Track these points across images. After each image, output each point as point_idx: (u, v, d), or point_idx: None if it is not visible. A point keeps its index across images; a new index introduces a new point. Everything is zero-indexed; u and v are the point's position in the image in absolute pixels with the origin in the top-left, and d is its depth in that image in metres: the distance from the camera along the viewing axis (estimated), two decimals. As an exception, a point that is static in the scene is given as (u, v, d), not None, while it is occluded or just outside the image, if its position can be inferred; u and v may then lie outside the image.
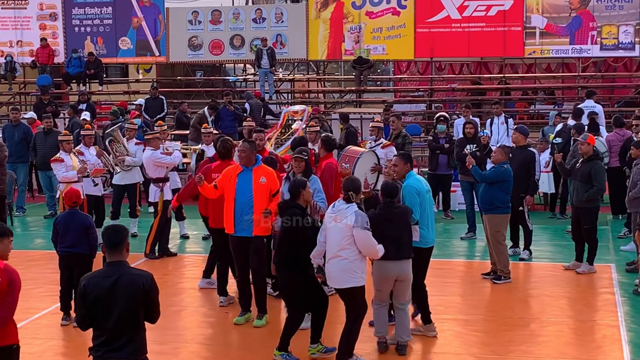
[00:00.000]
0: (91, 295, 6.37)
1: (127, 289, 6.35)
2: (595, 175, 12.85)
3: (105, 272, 6.45)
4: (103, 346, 6.40)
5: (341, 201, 8.98)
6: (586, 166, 12.94)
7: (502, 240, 12.57)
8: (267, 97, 27.58)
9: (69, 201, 10.70)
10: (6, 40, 31.07)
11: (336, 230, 8.84)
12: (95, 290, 6.37)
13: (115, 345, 6.38)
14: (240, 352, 9.86)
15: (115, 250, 6.46)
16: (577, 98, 27.95)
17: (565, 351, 9.74)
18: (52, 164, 14.42)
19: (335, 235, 8.85)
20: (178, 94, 31.05)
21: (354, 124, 21.58)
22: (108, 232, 6.53)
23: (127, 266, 6.50)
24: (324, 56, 29.45)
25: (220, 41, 29.69)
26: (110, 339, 6.39)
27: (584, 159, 13.07)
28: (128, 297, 6.35)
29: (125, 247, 6.49)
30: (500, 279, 12.49)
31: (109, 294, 6.34)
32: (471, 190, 15.35)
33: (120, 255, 6.46)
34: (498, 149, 12.90)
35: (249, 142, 10.63)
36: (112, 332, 6.37)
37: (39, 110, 22.49)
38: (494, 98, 26.51)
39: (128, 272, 6.44)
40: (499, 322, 10.85)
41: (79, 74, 28.97)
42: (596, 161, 13.08)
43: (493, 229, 12.48)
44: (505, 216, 12.62)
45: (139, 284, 6.40)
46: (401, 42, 28.31)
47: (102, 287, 6.35)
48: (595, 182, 12.85)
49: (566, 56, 28.35)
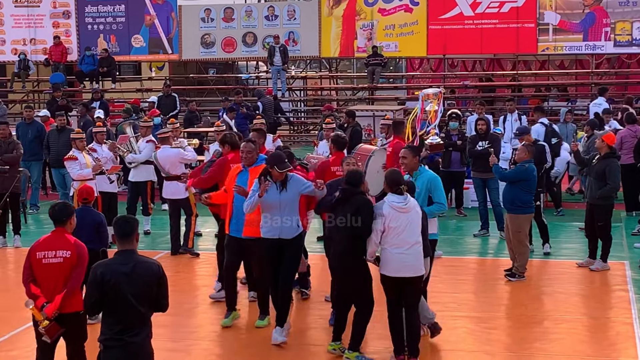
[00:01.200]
0: (110, 282, 6.58)
1: (145, 274, 6.63)
2: (610, 173, 12.81)
3: (120, 260, 6.69)
4: (122, 334, 6.59)
5: (394, 195, 9.04)
6: (601, 163, 12.91)
7: (524, 241, 12.51)
8: (279, 94, 27.57)
9: (80, 198, 10.78)
10: (20, 38, 31.19)
11: (409, 220, 8.97)
12: (114, 277, 6.58)
13: (134, 331, 6.61)
14: (252, 349, 9.86)
15: (127, 239, 6.73)
16: (591, 95, 27.90)
17: (578, 348, 9.72)
18: (66, 162, 14.44)
19: (409, 225, 8.97)
20: (191, 92, 31.11)
21: (367, 121, 21.56)
22: (119, 222, 6.80)
23: (138, 254, 6.76)
24: (337, 53, 29.45)
25: (233, 39, 29.73)
26: (129, 325, 6.60)
27: (600, 155, 13.04)
28: (146, 282, 6.63)
29: (135, 237, 6.77)
30: (514, 276, 12.46)
31: (128, 280, 6.58)
32: (484, 187, 15.30)
33: (131, 244, 6.74)
34: (522, 147, 12.78)
35: (252, 141, 10.62)
36: (130, 318, 6.60)
37: (52, 108, 22.53)
38: (507, 95, 26.44)
39: (142, 260, 6.72)
40: (513, 319, 10.83)
41: (91, 71, 29.08)
42: (612, 159, 13.02)
43: (514, 229, 12.45)
44: (527, 216, 12.55)
45: (154, 269, 6.71)
46: (414, 39, 28.29)
47: (121, 273, 6.59)
48: (609, 180, 12.80)
49: (579, 53, 28.27)
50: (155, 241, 15.44)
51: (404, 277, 8.95)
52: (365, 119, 21.59)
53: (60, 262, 7.68)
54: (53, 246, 7.74)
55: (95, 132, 15.27)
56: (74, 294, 7.73)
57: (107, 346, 6.63)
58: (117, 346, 6.59)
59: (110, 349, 6.63)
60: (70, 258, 7.70)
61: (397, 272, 8.96)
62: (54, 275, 7.68)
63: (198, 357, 9.65)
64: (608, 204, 13.04)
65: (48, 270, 7.69)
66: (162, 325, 10.60)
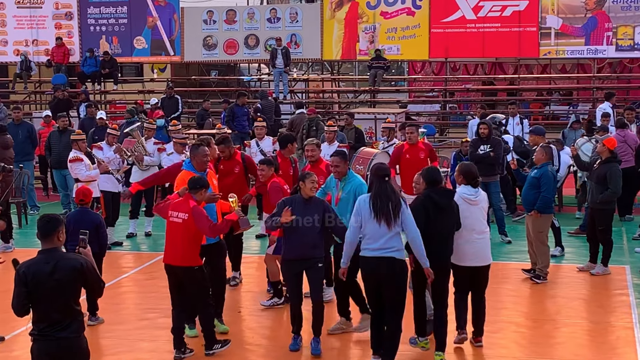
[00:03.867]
0: (33, 281, 6.70)
1: (67, 270, 6.71)
2: (611, 177, 12.82)
3: (42, 258, 6.80)
4: (49, 329, 6.73)
5: (467, 187, 9.57)
6: (603, 168, 12.92)
7: (545, 241, 12.60)
8: (281, 96, 27.58)
9: (77, 199, 10.79)
10: (22, 39, 31.21)
11: (476, 210, 9.53)
12: (36, 276, 6.70)
13: (61, 326, 6.73)
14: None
15: (48, 238, 6.83)
16: (592, 99, 27.91)
17: (579, 353, 9.71)
18: (71, 164, 14.40)
19: (477, 216, 9.54)
20: (193, 94, 31.11)
21: (369, 124, 21.56)
22: (42, 223, 6.91)
23: (60, 252, 6.89)
24: (339, 56, 29.46)
25: (235, 41, 29.74)
26: (56, 320, 6.72)
27: (601, 160, 13.05)
28: (69, 278, 6.72)
29: (57, 235, 6.84)
30: (539, 278, 12.52)
31: (50, 278, 6.67)
32: (485, 191, 15.24)
33: (52, 243, 6.82)
34: (539, 148, 12.88)
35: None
36: (57, 314, 6.72)
37: (56, 110, 22.54)
38: (510, 98, 26.41)
39: (64, 257, 6.83)
40: (514, 323, 10.82)
41: (94, 73, 29.07)
42: (613, 164, 13.03)
43: (536, 230, 12.52)
44: (549, 216, 12.69)
45: (76, 265, 6.77)
46: (416, 42, 28.30)
47: (44, 272, 6.69)
48: (610, 185, 12.81)
49: (581, 57, 28.28)
50: (156, 242, 15.43)
51: (476, 266, 9.47)
52: (367, 122, 21.60)
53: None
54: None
55: (108, 133, 15.35)
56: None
57: (37, 340, 6.81)
58: (46, 341, 6.76)
59: (39, 342, 6.80)
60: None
61: (470, 262, 9.44)
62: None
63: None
64: (609, 208, 13.05)
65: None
66: (162, 327, 10.62)
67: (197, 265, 9.38)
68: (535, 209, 12.44)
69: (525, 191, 12.78)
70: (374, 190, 8.83)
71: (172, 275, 9.50)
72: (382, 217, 8.67)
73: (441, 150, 24.84)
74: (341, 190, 9.93)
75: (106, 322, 10.81)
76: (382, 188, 8.77)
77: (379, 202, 8.71)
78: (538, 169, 12.61)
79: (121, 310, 11.55)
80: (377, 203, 8.71)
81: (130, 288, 12.86)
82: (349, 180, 9.98)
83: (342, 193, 9.87)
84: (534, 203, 12.46)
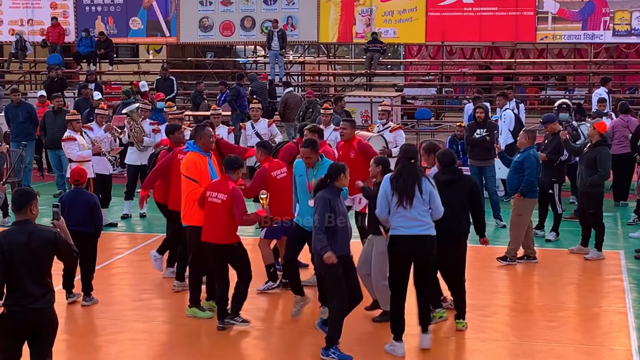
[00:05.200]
0: (9, 250, 6.85)
1: (41, 241, 6.94)
2: (601, 161, 12.88)
3: (17, 229, 7.00)
4: (24, 300, 6.88)
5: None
6: (592, 151, 12.99)
7: (521, 225, 12.58)
8: (277, 79, 27.53)
9: (72, 179, 10.80)
10: (17, 18, 31.06)
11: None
12: (12, 246, 6.86)
13: (35, 297, 6.91)
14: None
15: (22, 210, 7.03)
16: (589, 84, 27.90)
17: (572, 337, 9.74)
18: (64, 143, 14.42)
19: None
20: (188, 75, 31.03)
21: (364, 107, 21.55)
22: (16, 196, 7.12)
23: (34, 224, 7.06)
24: (335, 39, 29.38)
25: (231, 22, 29.62)
26: (30, 292, 6.90)
27: (591, 143, 13.09)
28: (43, 249, 6.94)
29: (30, 208, 7.03)
30: (505, 259, 12.61)
31: (26, 248, 6.88)
32: (480, 175, 15.30)
33: (26, 215, 7.02)
34: (523, 133, 12.93)
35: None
36: (31, 285, 6.90)
37: (50, 90, 22.48)
38: (506, 83, 26.41)
39: (38, 228, 7.03)
40: (507, 307, 10.85)
41: (89, 53, 28.98)
42: (603, 147, 13.07)
43: (516, 212, 12.57)
44: (531, 200, 12.67)
45: (50, 236, 7.00)
46: (412, 25, 28.22)
47: (19, 242, 6.88)
48: (600, 168, 12.88)
49: (578, 42, 28.23)
50: (151, 224, 15.44)
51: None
52: (363, 105, 21.59)
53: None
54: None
55: (97, 113, 15.32)
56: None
57: (11, 311, 6.91)
58: (20, 312, 6.89)
59: (13, 314, 6.91)
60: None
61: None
62: None
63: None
64: (598, 191, 13.13)
65: None
66: (156, 308, 10.64)
67: (236, 242, 9.72)
68: (519, 192, 12.49)
69: (509, 175, 12.87)
70: (397, 170, 9.05)
71: (211, 252, 9.74)
72: (403, 197, 8.85)
73: (437, 134, 24.87)
74: (314, 178, 9.82)
75: (100, 302, 10.81)
76: (406, 169, 8.95)
77: (400, 181, 8.89)
78: (521, 153, 12.67)
79: (115, 291, 11.56)
80: (398, 182, 8.90)
81: (124, 269, 12.85)
82: (321, 166, 9.91)
83: (314, 180, 9.74)
84: (518, 187, 12.52)
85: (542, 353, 9.19)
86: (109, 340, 9.68)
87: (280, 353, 9.40)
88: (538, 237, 14.17)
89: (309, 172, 10.08)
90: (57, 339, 8.63)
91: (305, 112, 19.76)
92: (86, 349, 9.47)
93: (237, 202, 9.50)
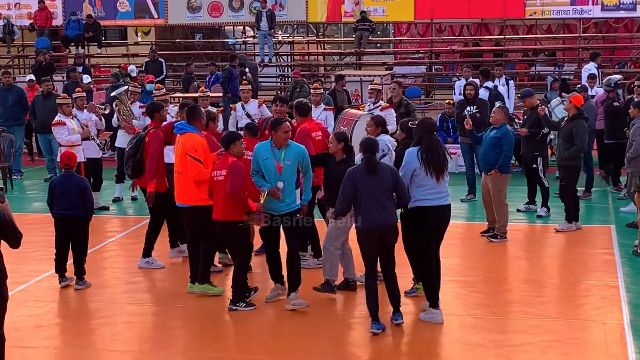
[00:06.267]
0: None
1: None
2: (577, 134, 13.02)
3: None
4: None
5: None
6: (569, 125, 13.17)
7: (504, 200, 12.69)
8: (266, 59, 27.44)
9: (62, 163, 10.78)
10: (4, 2, 30.84)
11: None
12: None
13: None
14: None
15: None
16: (578, 59, 27.88)
17: (564, 312, 9.78)
18: (53, 127, 14.43)
19: None
20: (177, 57, 30.91)
21: (355, 86, 21.49)
22: None
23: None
24: (324, 18, 29.25)
25: (219, 3, 29.46)
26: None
27: (568, 117, 13.22)
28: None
29: None
30: (496, 237, 12.65)
31: None
32: (471, 152, 15.34)
33: None
34: (497, 109, 13.00)
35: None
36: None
37: (38, 74, 22.39)
38: (496, 60, 26.35)
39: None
40: (499, 283, 10.89)
41: (77, 36, 28.82)
42: (579, 120, 13.20)
43: (496, 189, 12.60)
44: (507, 176, 12.76)
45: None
46: (401, 3, 28.12)
47: None
48: (576, 141, 13.02)
49: (567, 17, 28.16)
50: (142, 207, 15.37)
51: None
52: (353, 84, 21.52)
53: None
54: None
55: (75, 97, 15.17)
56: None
57: None
58: None
59: None
60: None
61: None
62: None
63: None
64: (574, 165, 13.29)
65: None
66: (149, 291, 10.66)
67: (240, 220, 9.60)
68: (497, 168, 12.56)
69: (485, 151, 12.85)
70: (425, 143, 9.25)
71: (223, 230, 9.77)
72: (433, 169, 9.17)
73: (427, 112, 24.85)
74: (283, 160, 9.74)
75: (93, 286, 10.82)
76: (432, 142, 9.26)
77: (430, 154, 9.18)
78: (497, 129, 12.72)
79: (108, 274, 11.58)
80: (428, 155, 9.17)
81: (116, 252, 12.86)
82: (290, 148, 9.73)
83: (285, 162, 9.70)
84: (495, 162, 12.57)
85: (534, 328, 9.23)
86: (103, 323, 9.70)
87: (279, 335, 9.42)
88: (530, 212, 14.27)
89: (275, 153, 9.69)
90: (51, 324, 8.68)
91: (293, 92, 19.75)
92: (79, 332, 9.49)
93: (233, 173, 9.49)
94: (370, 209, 8.87)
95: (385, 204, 8.91)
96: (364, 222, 8.94)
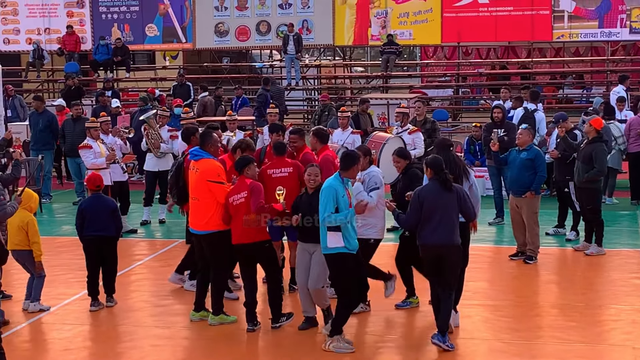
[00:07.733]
0: None
1: None
2: (596, 157, 12.92)
3: None
4: None
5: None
6: (589, 148, 13.06)
7: (537, 222, 12.72)
8: (293, 83, 27.55)
9: (93, 185, 10.85)
10: (34, 27, 31.28)
11: None
12: None
13: None
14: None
15: None
16: (606, 82, 27.78)
17: (593, 337, 9.68)
18: (80, 150, 14.57)
19: None
20: (205, 81, 31.11)
21: (381, 109, 21.51)
22: None
23: None
24: (350, 42, 29.41)
25: (247, 27, 29.71)
26: None
27: (588, 140, 13.16)
28: None
29: None
30: (532, 259, 12.60)
31: None
32: (499, 176, 15.26)
33: None
34: (524, 130, 12.97)
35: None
36: None
37: (67, 98, 22.60)
38: (523, 82, 26.31)
39: None
40: (528, 307, 10.80)
41: (106, 61, 29.12)
42: (599, 143, 13.12)
43: (531, 211, 12.60)
44: (539, 197, 12.80)
45: None
46: (428, 26, 28.21)
47: None
48: (596, 164, 12.92)
49: (595, 40, 28.12)
50: (170, 230, 15.48)
51: None
52: (380, 107, 21.56)
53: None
54: None
55: (99, 121, 15.22)
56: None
57: None
58: None
59: None
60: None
61: None
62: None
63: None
64: (595, 187, 13.18)
65: None
66: (177, 314, 10.67)
67: (266, 240, 9.81)
68: (532, 190, 12.53)
69: (517, 173, 12.75)
70: (443, 158, 9.45)
71: (242, 254, 9.87)
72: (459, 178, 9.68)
73: (454, 135, 24.81)
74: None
75: (121, 309, 10.85)
76: (450, 157, 9.78)
77: (452, 167, 9.61)
78: (528, 151, 12.70)
79: (136, 297, 11.58)
80: (450, 167, 9.51)
81: (144, 275, 12.88)
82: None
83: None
84: (529, 184, 12.55)
85: (564, 353, 9.14)
86: (131, 346, 9.71)
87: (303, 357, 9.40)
88: (559, 235, 14.17)
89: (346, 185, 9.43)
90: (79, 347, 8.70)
91: (321, 116, 19.78)
92: (108, 355, 9.50)
93: (254, 193, 9.62)
94: (437, 227, 9.03)
95: (454, 222, 9.14)
96: (428, 238, 9.10)
